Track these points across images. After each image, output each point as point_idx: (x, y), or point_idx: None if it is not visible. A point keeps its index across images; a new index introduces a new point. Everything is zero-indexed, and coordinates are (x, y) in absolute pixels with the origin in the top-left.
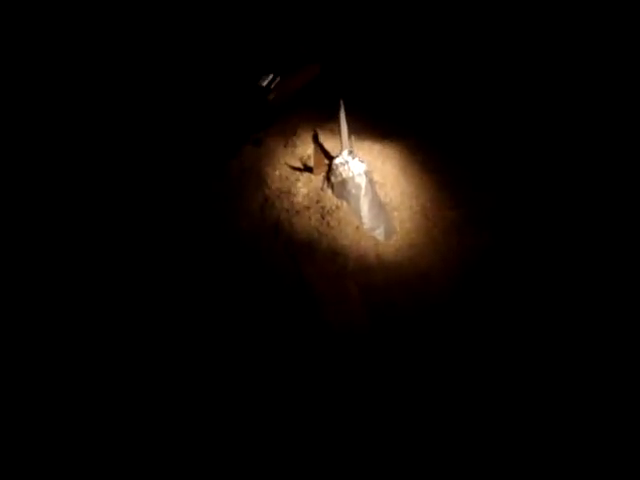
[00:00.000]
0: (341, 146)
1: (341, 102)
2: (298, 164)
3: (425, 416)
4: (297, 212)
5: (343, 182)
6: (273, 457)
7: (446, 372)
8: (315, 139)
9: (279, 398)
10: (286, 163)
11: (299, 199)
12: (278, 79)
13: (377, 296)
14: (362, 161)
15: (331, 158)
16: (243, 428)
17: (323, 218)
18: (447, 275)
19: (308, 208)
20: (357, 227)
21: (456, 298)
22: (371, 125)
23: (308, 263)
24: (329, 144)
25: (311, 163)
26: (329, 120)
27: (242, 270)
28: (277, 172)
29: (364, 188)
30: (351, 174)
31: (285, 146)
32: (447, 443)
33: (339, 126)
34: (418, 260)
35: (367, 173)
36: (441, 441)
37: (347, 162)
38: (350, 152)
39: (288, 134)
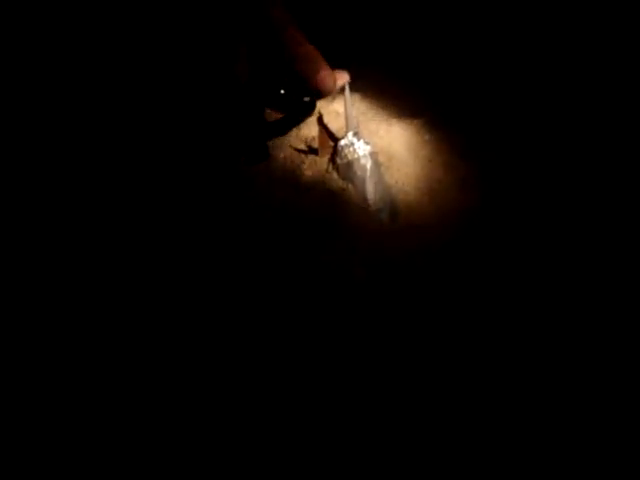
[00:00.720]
0: (346, 127)
1: (346, 82)
2: (302, 146)
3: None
4: (302, 194)
5: (348, 164)
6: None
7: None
8: (320, 121)
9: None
10: (290, 145)
11: (304, 181)
12: None
13: (383, 276)
14: (368, 142)
15: (336, 140)
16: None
17: (328, 200)
18: (453, 254)
19: (313, 190)
20: (363, 209)
21: (461, 279)
22: (377, 105)
23: (313, 245)
24: (334, 126)
25: (316, 145)
26: (333, 101)
27: (249, 251)
28: (281, 154)
29: (369, 170)
30: (357, 155)
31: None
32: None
33: (344, 107)
34: (424, 240)
35: (373, 154)
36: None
37: (352, 143)
38: (355, 133)
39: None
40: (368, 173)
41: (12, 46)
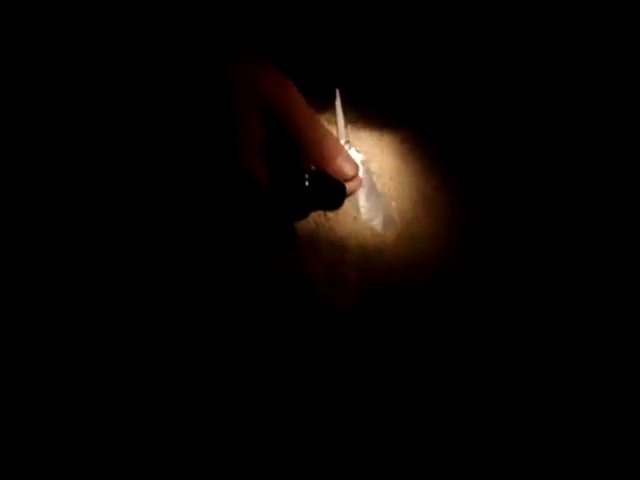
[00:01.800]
0: (337, 136)
1: (337, 91)
2: None
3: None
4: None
5: None
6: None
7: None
8: None
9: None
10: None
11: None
12: None
13: (375, 285)
14: (359, 151)
15: None
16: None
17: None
18: (449, 265)
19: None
20: (354, 218)
21: (457, 289)
22: (369, 114)
23: (306, 253)
24: None
25: None
26: (325, 109)
27: (238, 261)
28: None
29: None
30: None
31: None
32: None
33: (335, 115)
34: (419, 251)
35: (364, 163)
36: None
37: None
38: (347, 142)
39: None
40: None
41: (12, 46)
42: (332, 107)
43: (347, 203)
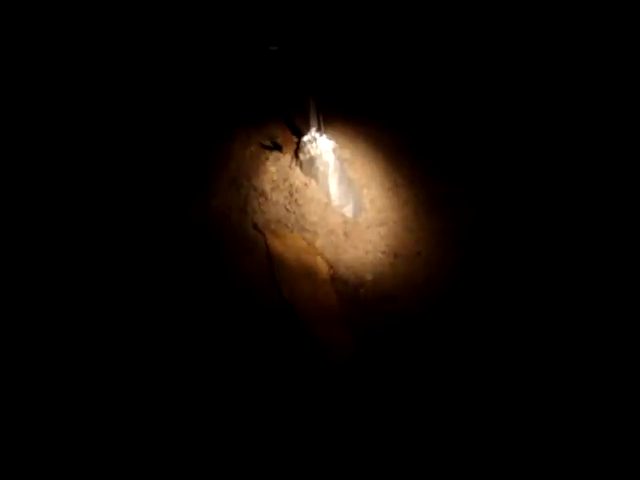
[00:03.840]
0: (310, 124)
1: (309, 80)
2: (267, 142)
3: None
4: (265, 190)
5: (311, 159)
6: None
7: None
8: (284, 118)
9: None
10: (256, 141)
11: (268, 177)
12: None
13: (344, 272)
14: (330, 139)
15: (300, 136)
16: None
17: (291, 195)
18: (417, 252)
19: (277, 186)
20: (326, 204)
21: (428, 276)
22: (341, 104)
23: (276, 239)
24: (298, 123)
25: (280, 141)
26: (298, 98)
27: (211, 248)
28: (246, 150)
29: (332, 165)
30: (319, 151)
31: (255, 125)
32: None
33: (307, 104)
34: (388, 237)
35: (335, 150)
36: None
37: (315, 139)
38: (318, 130)
39: (258, 113)
40: (331, 168)
41: (12, 46)
42: (305, 96)
43: (318, 190)
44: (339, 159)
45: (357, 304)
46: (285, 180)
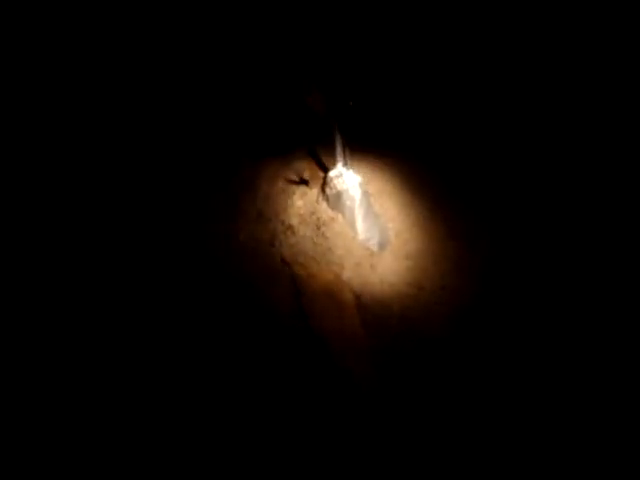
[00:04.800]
0: (336, 159)
1: (336, 124)
2: (294, 177)
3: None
4: (293, 224)
5: (338, 194)
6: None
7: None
8: (311, 153)
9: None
10: (282, 176)
11: (295, 211)
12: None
13: (371, 303)
14: (357, 173)
15: (326, 171)
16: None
17: (318, 229)
18: (442, 286)
19: (304, 220)
20: (352, 238)
21: (452, 308)
22: (367, 139)
23: (303, 272)
24: (324, 158)
25: (307, 176)
26: (324, 134)
27: (240, 281)
28: (273, 185)
29: (359, 200)
30: (346, 186)
31: (281, 160)
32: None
33: (334, 140)
34: (414, 269)
35: (362, 185)
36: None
37: (342, 174)
38: (345, 165)
39: (284, 149)
40: (357, 203)
41: (13, 46)
42: (332, 131)
43: (345, 224)
44: (365, 193)
45: (383, 335)
46: (312, 214)
